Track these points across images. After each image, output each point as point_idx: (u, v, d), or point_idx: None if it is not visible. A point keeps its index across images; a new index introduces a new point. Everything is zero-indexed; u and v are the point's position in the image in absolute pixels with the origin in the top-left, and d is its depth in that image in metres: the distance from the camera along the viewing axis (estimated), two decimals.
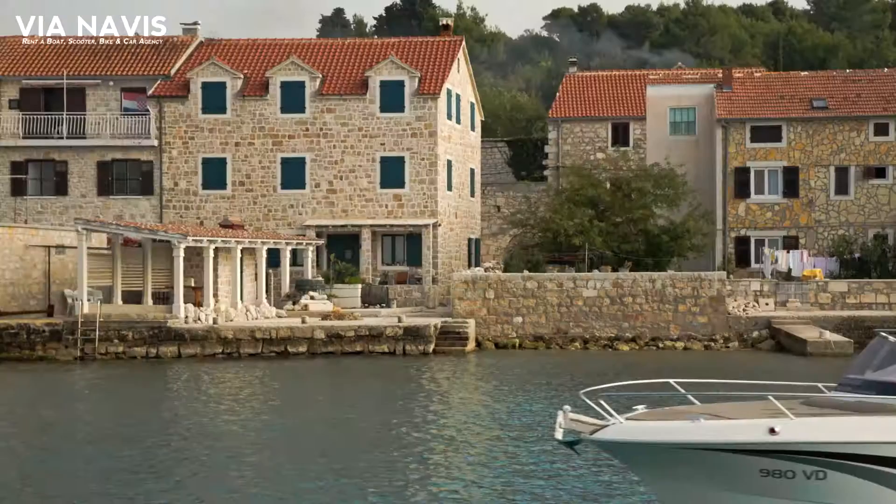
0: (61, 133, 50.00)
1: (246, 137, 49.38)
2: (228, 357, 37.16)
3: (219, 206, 49.33)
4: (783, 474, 11.55)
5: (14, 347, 37.36)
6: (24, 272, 41.50)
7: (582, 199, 48.08)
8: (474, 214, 55.60)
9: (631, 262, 45.21)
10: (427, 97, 48.80)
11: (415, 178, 48.91)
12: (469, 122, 54.30)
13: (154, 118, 49.64)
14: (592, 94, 60.00)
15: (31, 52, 52.39)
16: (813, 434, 11.51)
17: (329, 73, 49.99)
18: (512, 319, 40.86)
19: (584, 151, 57.51)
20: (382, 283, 47.93)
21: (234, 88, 49.40)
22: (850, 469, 11.50)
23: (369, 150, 49.00)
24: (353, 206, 49.03)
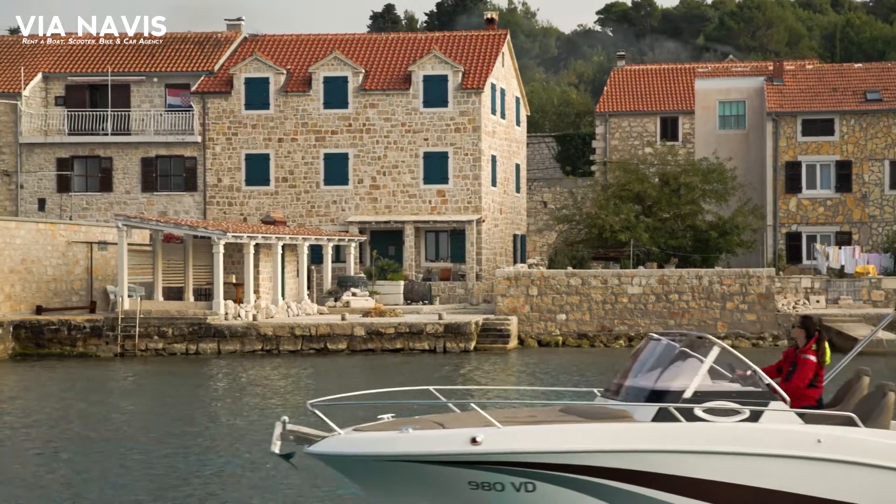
0: (106, 129, 50.18)
1: (289, 133, 49.20)
2: (268, 354, 36.95)
3: (262, 203, 49.21)
4: (492, 486, 10.89)
5: (55, 343, 37.43)
6: (66, 268, 41.60)
7: (628, 194, 47.35)
8: (520, 210, 55.02)
9: (677, 259, 44.42)
10: (471, 92, 48.30)
11: (458, 173, 48.44)
12: (514, 116, 53.70)
13: (197, 114, 49.63)
14: (641, 89, 59.17)
15: (77, 49, 52.66)
16: (516, 444, 10.78)
17: (372, 68, 49.67)
18: (555, 316, 40.26)
19: (632, 146, 56.70)
20: (425, 279, 47.52)
21: (277, 84, 49.24)
22: (559, 480, 10.83)
23: (412, 145, 48.60)
24: (395, 202, 48.67)
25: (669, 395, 11.12)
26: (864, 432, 11.15)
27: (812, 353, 11.98)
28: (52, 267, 40.94)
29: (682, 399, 11.03)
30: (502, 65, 51.47)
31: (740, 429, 10.98)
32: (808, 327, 12.10)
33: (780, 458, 10.93)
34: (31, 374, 32.74)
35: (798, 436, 11.01)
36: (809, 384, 11.89)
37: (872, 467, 10.98)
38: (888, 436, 11.21)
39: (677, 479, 10.84)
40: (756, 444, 10.93)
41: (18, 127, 50.27)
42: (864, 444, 11.03)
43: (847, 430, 11.20)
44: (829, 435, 11.03)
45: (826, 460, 10.96)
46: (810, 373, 11.86)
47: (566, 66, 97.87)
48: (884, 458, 11.00)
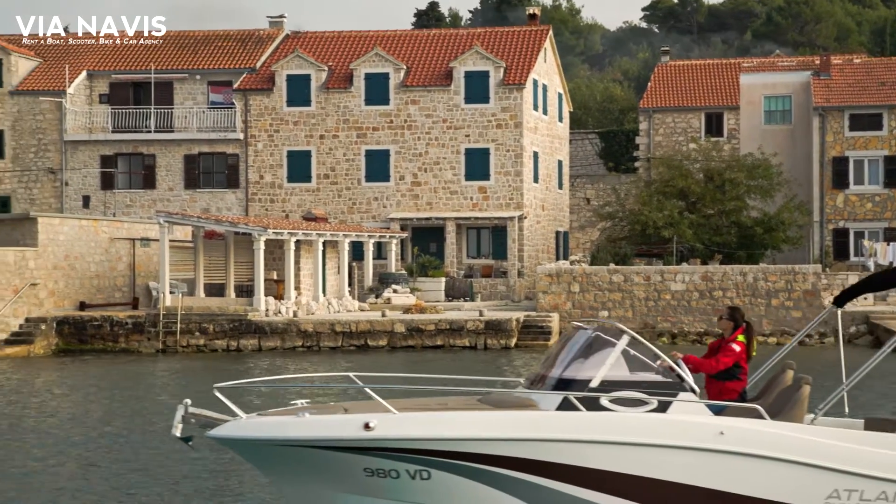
0: (149, 127, 50.47)
1: (330, 130, 49.20)
2: (308, 350, 36.93)
3: (304, 199, 49.25)
4: (387, 473, 10.70)
5: (98, 339, 37.63)
6: (109, 265, 41.84)
7: (672, 190, 46.91)
8: (562, 207, 54.67)
9: (721, 255, 43.91)
10: (512, 88, 48.04)
11: (500, 169, 48.21)
12: (556, 112, 53.36)
13: (240, 111, 49.77)
14: (685, 84, 58.61)
15: (121, 48, 52.99)
16: (410, 430, 10.58)
17: (413, 64, 49.55)
18: (597, 313, 39.91)
19: (676, 142, 56.17)
20: (467, 276, 47.34)
21: (318, 81, 49.26)
22: (455, 468, 10.62)
23: (454, 141, 48.43)
24: (437, 199, 48.51)
25: (576, 383, 10.91)
26: (768, 425, 10.87)
27: (738, 343, 11.70)
28: (95, 263, 41.18)
29: (589, 388, 10.82)
30: (544, 61, 51.16)
31: (643, 419, 10.74)
32: (735, 318, 11.84)
33: (682, 450, 10.66)
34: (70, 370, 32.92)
35: (701, 427, 10.72)
36: (732, 376, 11.63)
37: (774, 460, 10.71)
38: (793, 429, 10.92)
39: (576, 470, 10.62)
40: (657, 435, 10.67)
41: (63, 125, 50.67)
42: (766, 437, 10.71)
43: (751, 422, 10.91)
44: (731, 427, 10.69)
45: (728, 453, 10.64)
46: (730, 359, 11.58)
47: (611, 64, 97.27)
48: (786, 452, 10.73)
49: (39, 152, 51.04)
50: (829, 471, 10.71)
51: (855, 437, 10.93)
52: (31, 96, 50.88)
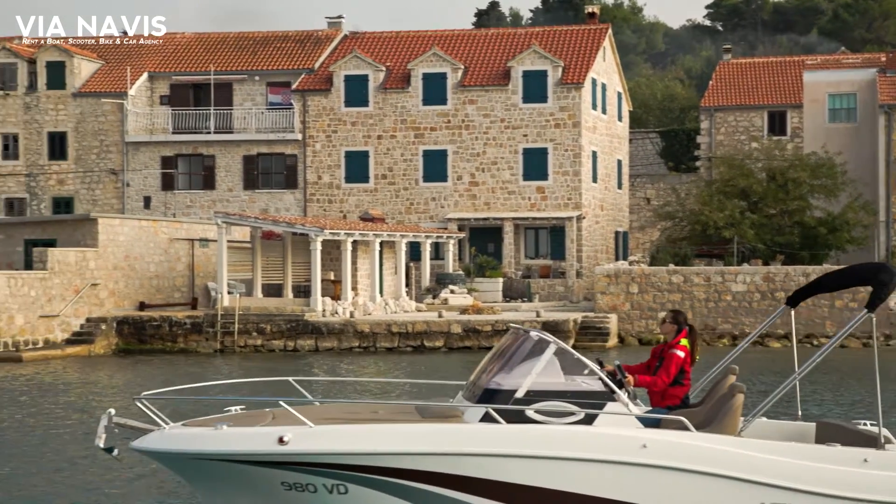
0: (209, 128, 50.82)
1: (388, 130, 49.20)
2: (365, 351, 36.90)
3: (361, 200, 49.31)
4: (305, 488, 10.38)
5: (157, 339, 37.92)
6: (168, 265, 42.16)
7: (733, 190, 46.32)
8: (622, 207, 54.20)
9: (784, 256, 43.23)
10: (571, 87, 47.70)
11: (558, 169, 47.89)
12: (616, 112, 52.91)
13: (298, 112, 49.95)
14: (748, 82, 57.80)
15: (181, 49, 53.43)
16: (325, 444, 10.30)
17: (471, 64, 49.40)
18: (656, 314, 39.47)
19: (738, 141, 55.43)
20: (525, 276, 47.09)
21: (376, 81, 49.28)
22: (372, 483, 10.29)
23: (512, 141, 48.20)
24: (495, 199, 48.31)
25: (501, 394, 10.59)
26: (693, 437, 10.46)
27: (680, 347, 11.35)
28: (155, 264, 41.52)
29: (514, 399, 10.49)
30: (603, 59, 50.73)
31: (564, 431, 10.39)
32: (678, 321, 11.51)
33: (603, 464, 10.31)
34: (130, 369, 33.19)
35: (623, 440, 10.35)
36: (674, 382, 11.31)
37: (697, 474, 10.31)
38: (717, 441, 10.49)
39: (495, 484, 10.29)
40: (578, 447, 10.33)
41: (125, 126, 51.20)
42: (690, 450, 10.31)
43: (676, 434, 10.50)
44: (654, 440, 10.32)
45: (650, 466, 10.26)
46: (675, 368, 11.25)
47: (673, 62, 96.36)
48: (709, 465, 10.31)
49: (101, 153, 51.62)
50: (754, 484, 10.30)
51: (781, 449, 10.51)
52: (94, 98, 51.49)
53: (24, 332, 35.86)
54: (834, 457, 10.42)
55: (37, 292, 36.38)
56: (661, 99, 69.50)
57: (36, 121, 51.85)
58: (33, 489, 15.27)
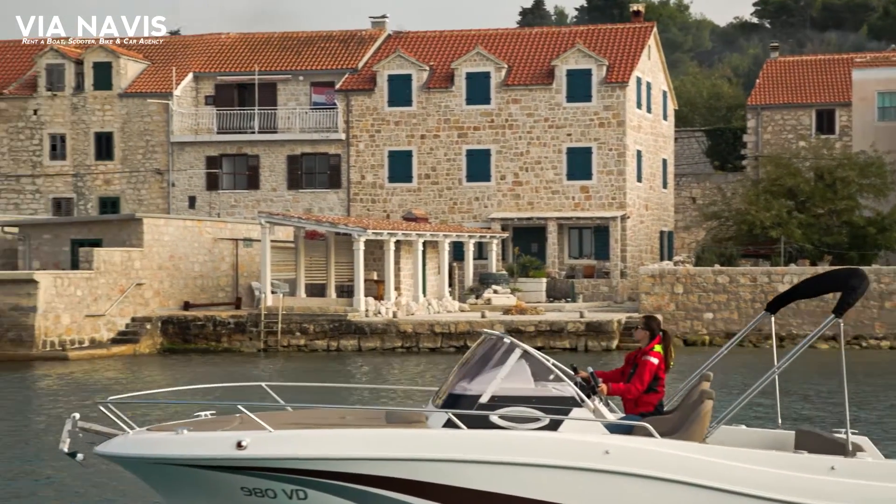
0: (253, 128, 51.00)
1: (431, 130, 49.13)
2: (408, 351, 36.84)
3: (404, 199, 49.28)
4: (264, 493, 10.29)
5: (201, 339, 38.08)
6: (212, 265, 42.34)
7: (780, 189, 45.86)
8: (667, 206, 53.80)
9: (832, 256, 42.68)
10: (615, 86, 47.39)
11: (602, 169, 47.60)
12: (661, 110, 52.52)
13: (342, 112, 50.01)
14: (795, 80, 57.17)
15: (226, 49, 53.68)
16: (283, 449, 10.19)
17: (515, 63, 49.22)
18: (702, 315, 39.12)
19: (786, 140, 54.83)
20: (569, 276, 46.84)
21: (419, 80, 49.23)
22: (331, 488, 10.19)
23: (555, 140, 47.96)
24: (538, 199, 48.10)
25: (465, 399, 10.49)
26: (656, 443, 10.31)
27: (654, 354, 11.19)
28: (199, 263, 41.71)
29: (478, 404, 10.37)
30: (648, 58, 50.36)
31: (526, 437, 10.26)
32: (651, 328, 11.33)
33: (565, 470, 10.17)
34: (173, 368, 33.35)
35: (585, 446, 10.21)
36: (648, 388, 11.14)
37: (658, 480, 10.15)
38: (680, 447, 10.34)
39: (455, 490, 10.15)
40: (540, 453, 10.18)
41: (170, 126, 51.51)
42: (652, 456, 10.17)
43: (639, 440, 10.36)
44: (617, 446, 10.21)
45: (612, 473, 10.14)
46: (649, 375, 11.09)
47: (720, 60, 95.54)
48: (671, 472, 10.16)
49: (147, 154, 51.97)
50: (717, 491, 10.18)
51: (746, 456, 10.35)
52: (140, 98, 51.85)
53: (71, 331, 36.15)
54: (800, 464, 10.29)
55: (83, 292, 36.65)
56: (708, 97, 68.88)
57: (83, 121, 52.29)
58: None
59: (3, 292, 35.19)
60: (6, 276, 36.31)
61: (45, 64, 52.36)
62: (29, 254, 40.26)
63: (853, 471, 10.25)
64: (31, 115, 52.56)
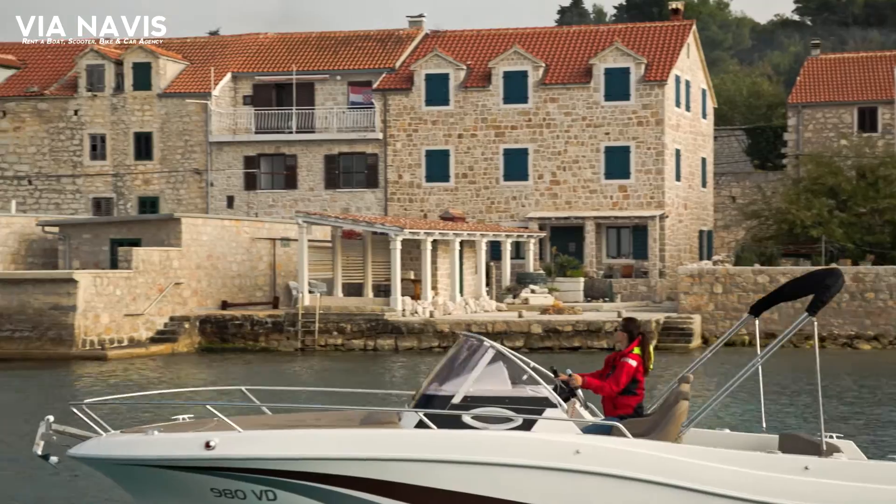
0: (291, 128, 51.10)
1: (468, 129, 49.03)
2: (444, 351, 36.68)
3: (442, 199, 49.21)
4: (234, 494, 10.27)
5: (239, 338, 38.20)
6: (250, 264, 42.46)
7: (821, 188, 45.43)
8: (706, 206, 53.40)
9: (874, 255, 42.21)
10: (654, 84, 47.09)
11: (641, 168, 47.31)
12: (700, 109, 52.13)
13: (379, 111, 50.00)
14: (837, 78, 56.51)
15: (264, 49, 53.84)
16: (251, 450, 10.17)
17: (552, 61, 49.01)
18: (741, 315, 38.73)
19: (827, 138, 54.25)
20: (606, 276, 46.59)
21: (456, 80, 49.15)
22: (299, 488, 10.14)
23: (593, 139, 47.72)
24: (576, 198, 47.88)
25: (437, 400, 10.45)
26: (627, 443, 10.23)
27: (633, 356, 11.11)
28: (237, 263, 41.85)
29: (451, 405, 10.31)
30: (687, 56, 50.00)
31: (496, 437, 10.19)
32: (630, 330, 11.29)
33: (535, 470, 10.11)
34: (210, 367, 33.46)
35: (555, 446, 10.14)
36: (627, 391, 11.06)
37: (629, 480, 10.07)
38: (651, 447, 10.24)
39: (425, 491, 10.09)
40: (510, 454, 10.11)
41: (209, 126, 51.71)
42: (622, 456, 10.11)
43: (610, 440, 10.30)
44: (587, 446, 10.15)
45: (582, 472, 10.08)
46: (626, 377, 11.00)
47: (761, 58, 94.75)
48: (642, 471, 10.06)
49: (186, 153, 52.22)
50: (688, 491, 10.09)
51: (718, 456, 10.26)
52: (178, 98, 52.09)
53: (110, 330, 36.38)
54: (773, 464, 10.21)
55: (122, 291, 36.87)
56: (748, 96, 68.26)
57: (123, 121, 52.62)
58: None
59: (44, 291, 35.48)
60: (46, 276, 36.61)
61: (86, 65, 52.72)
62: (69, 253, 40.57)
63: (827, 471, 10.17)
64: (71, 116, 52.96)
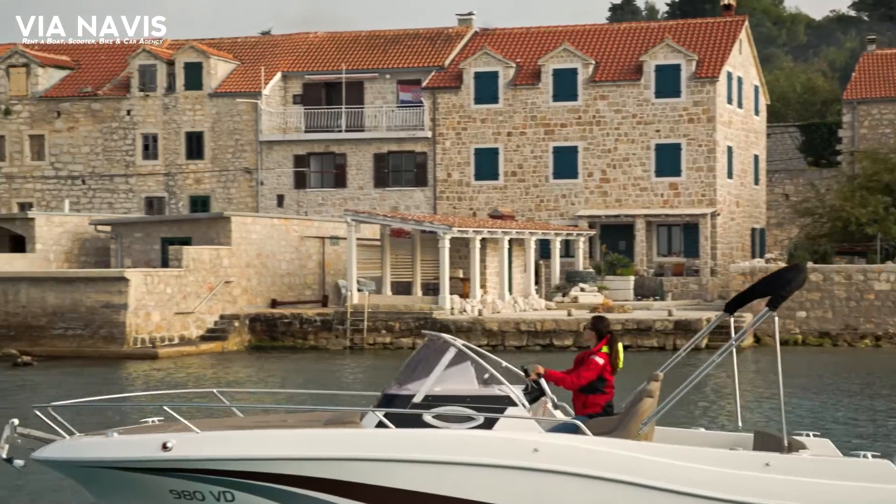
0: (340, 126, 51.21)
1: (518, 127, 48.85)
2: (493, 350, 36.62)
3: (491, 197, 49.08)
4: (192, 495, 10.24)
5: (288, 336, 38.32)
6: (299, 263, 42.60)
7: (876, 185, 44.84)
8: (758, 203, 52.82)
9: None
10: (705, 81, 46.63)
11: (692, 165, 46.86)
12: (752, 106, 51.56)
13: (428, 110, 49.97)
14: (893, 74, 55.64)
15: (314, 48, 54.02)
16: (208, 450, 10.12)
17: (602, 59, 48.70)
18: (794, 314, 38.29)
19: (883, 135, 53.43)
20: (657, 274, 46.21)
21: (506, 78, 48.98)
22: (257, 489, 10.09)
23: (644, 137, 47.35)
24: (626, 196, 47.53)
25: (399, 399, 10.39)
26: (586, 441, 10.15)
27: (601, 354, 11.01)
28: (286, 261, 41.99)
29: (412, 404, 10.25)
30: (739, 52, 49.46)
31: (454, 436, 10.09)
32: (598, 328, 11.20)
33: (492, 468, 10.00)
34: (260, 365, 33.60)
35: (513, 445, 10.04)
36: (596, 390, 10.97)
37: (586, 478, 9.98)
38: (610, 445, 10.13)
39: (382, 490, 10.03)
40: (468, 453, 10.00)
41: (259, 125, 51.98)
42: (581, 454, 10.06)
43: (568, 438, 10.20)
44: (546, 444, 10.07)
45: (540, 471, 9.99)
46: (592, 373, 10.91)
47: (816, 54, 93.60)
48: (599, 469, 9.96)
49: (236, 153, 52.52)
50: (645, 488, 9.96)
51: (678, 453, 10.13)
52: (229, 98, 52.40)
53: (161, 328, 36.64)
54: (733, 461, 10.10)
55: (172, 290, 37.12)
56: (802, 92, 67.45)
57: (174, 121, 53.04)
58: None
59: (96, 290, 35.81)
60: (98, 274, 36.95)
61: (138, 65, 53.21)
62: (121, 252, 40.94)
63: (788, 468, 10.04)
64: (124, 116, 53.47)
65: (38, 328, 35.90)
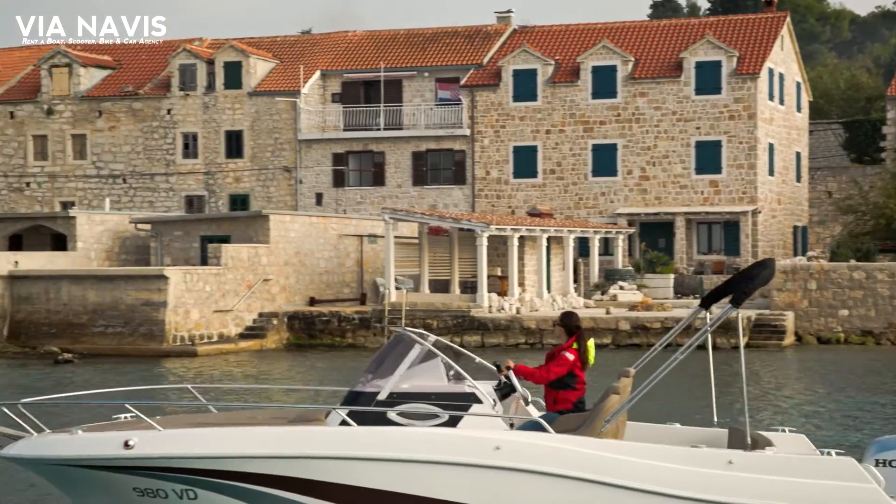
0: (379, 125, 51.25)
1: (556, 125, 48.66)
2: (531, 347, 36.51)
3: (529, 195, 48.91)
4: (156, 493, 10.23)
5: (326, 334, 38.39)
6: (337, 261, 42.65)
7: None
8: (801, 201, 52.28)
9: None
10: (746, 77, 46.22)
11: (732, 162, 46.47)
12: (794, 102, 51.05)
13: (466, 107, 49.89)
14: None
15: (353, 47, 54.10)
16: (170, 448, 10.09)
17: (642, 55, 48.40)
18: (837, 312, 37.83)
19: None
20: (697, 272, 45.86)
21: (544, 75, 48.81)
22: (219, 487, 10.06)
23: (684, 134, 47.01)
24: (666, 193, 47.22)
25: (363, 397, 10.33)
26: (548, 438, 10.04)
27: (571, 350, 10.93)
28: (325, 259, 42.06)
29: (376, 402, 10.17)
30: (781, 48, 48.98)
31: (416, 434, 10.01)
32: (567, 325, 11.11)
33: (453, 466, 9.91)
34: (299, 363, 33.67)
35: (475, 442, 9.93)
36: (567, 386, 10.90)
37: (548, 476, 9.87)
38: (572, 442, 10.01)
39: (344, 488, 9.97)
40: (429, 450, 9.90)
41: (298, 124, 52.12)
42: (542, 451, 9.94)
43: (530, 435, 10.07)
44: (508, 441, 9.96)
45: (502, 468, 9.90)
46: (562, 369, 10.84)
47: (860, 51, 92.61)
48: (560, 466, 9.86)
49: (276, 151, 52.70)
50: (605, 486, 9.87)
51: (640, 451, 10.01)
52: (268, 97, 52.59)
53: (200, 326, 36.80)
54: (696, 458, 9.97)
55: (211, 287, 37.29)
56: (846, 88, 66.70)
57: (214, 120, 53.31)
58: None
59: (136, 287, 36.05)
60: (138, 272, 37.19)
61: (178, 64, 53.52)
62: (160, 250, 41.18)
63: (751, 465, 9.92)
64: (164, 115, 53.81)
65: (79, 326, 36.20)
